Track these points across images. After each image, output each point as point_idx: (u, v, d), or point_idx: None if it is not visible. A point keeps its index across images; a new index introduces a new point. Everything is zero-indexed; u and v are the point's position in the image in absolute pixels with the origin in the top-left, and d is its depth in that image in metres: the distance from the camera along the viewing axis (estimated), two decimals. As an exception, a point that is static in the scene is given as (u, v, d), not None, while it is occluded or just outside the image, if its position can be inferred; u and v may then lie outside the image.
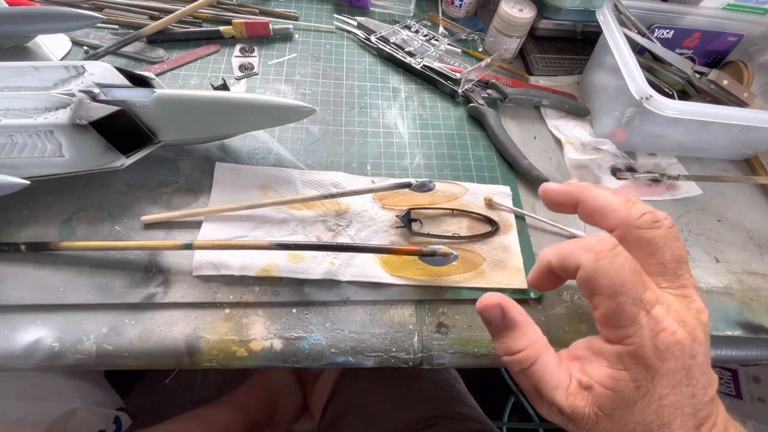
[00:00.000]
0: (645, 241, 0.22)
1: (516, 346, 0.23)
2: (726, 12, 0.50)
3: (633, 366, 0.21)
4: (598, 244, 0.21)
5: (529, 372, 0.22)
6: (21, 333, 0.30)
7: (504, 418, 0.88)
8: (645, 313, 0.20)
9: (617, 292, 0.20)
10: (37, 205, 0.35)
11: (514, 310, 0.24)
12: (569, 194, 0.25)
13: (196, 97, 0.34)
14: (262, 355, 0.31)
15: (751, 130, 0.43)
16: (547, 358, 0.23)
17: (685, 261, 0.23)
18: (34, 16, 0.38)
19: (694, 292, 0.22)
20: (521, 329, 0.23)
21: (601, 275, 0.20)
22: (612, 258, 0.20)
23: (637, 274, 0.20)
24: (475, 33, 0.58)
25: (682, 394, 0.21)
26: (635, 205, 0.23)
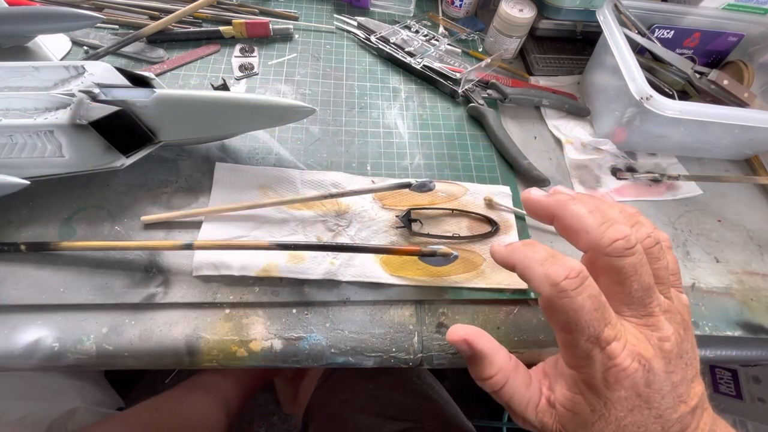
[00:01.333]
0: (613, 269, 0.22)
1: (485, 373, 0.24)
2: (726, 12, 0.50)
3: (586, 392, 0.22)
4: (565, 281, 0.20)
5: (500, 393, 0.24)
6: (21, 333, 0.30)
7: (504, 418, 0.88)
8: (599, 350, 0.21)
9: (573, 330, 0.21)
10: (37, 205, 0.35)
11: (480, 342, 0.24)
12: (546, 207, 0.25)
13: (196, 97, 0.34)
14: (262, 355, 0.31)
15: (751, 130, 0.43)
16: (516, 381, 0.24)
17: (662, 282, 0.23)
18: (34, 16, 0.38)
19: (660, 320, 0.22)
20: (488, 358, 0.24)
21: (559, 311, 0.21)
22: (574, 297, 0.20)
23: (598, 312, 0.20)
24: (475, 33, 0.58)
25: (643, 415, 0.21)
26: (609, 228, 0.22)
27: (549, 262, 0.21)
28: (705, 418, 0.23)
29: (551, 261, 0.21)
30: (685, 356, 0.23)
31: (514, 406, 0.24)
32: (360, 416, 0.51)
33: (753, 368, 0.78)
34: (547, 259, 0.22)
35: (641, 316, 0.22)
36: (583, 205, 0.23)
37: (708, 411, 0.24)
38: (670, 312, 0.23)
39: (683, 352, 0.23)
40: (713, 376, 0.83)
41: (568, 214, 0.23)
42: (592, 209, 0.23)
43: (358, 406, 0.52)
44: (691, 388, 0.23)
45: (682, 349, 0.23)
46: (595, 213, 0.23)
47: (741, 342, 0.37)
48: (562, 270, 0.21)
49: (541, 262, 0.21)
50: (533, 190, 0.26)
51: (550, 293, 0.21)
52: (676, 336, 0.22)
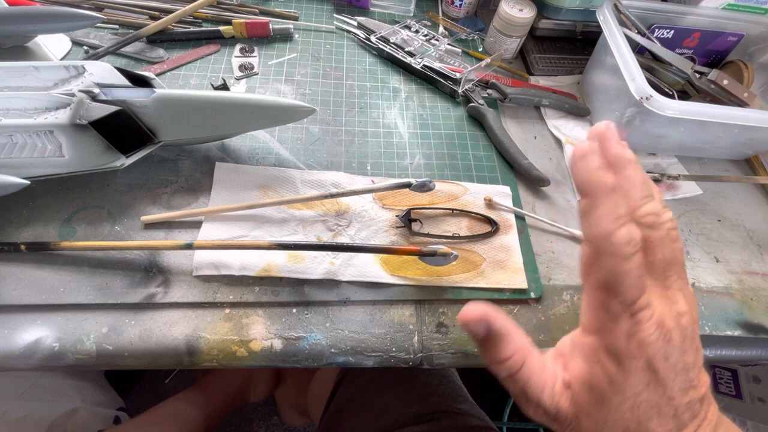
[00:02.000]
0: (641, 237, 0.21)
1: (502, 354, 0.23)
2: (726, 12, 0.50)
3: (606, 360, 0.21)
4: (626, 247, 0.20)
5: (516, 377, 0.23)
6: (21, 333, 0.30)
7: (504, 418, 0.88)
8: (629, 315, 0.20)
9: (611, 290, 0.20)
10: (37, 205, 0.35)
11: (498, 320, 0.23)
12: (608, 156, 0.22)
13: (196, 97, 0.34)
14: (262, 355, 0.31)
15: (751, 130, 0.43)
16: (533, 362, 0.23)
17: (677, 263, 0.23)
18: (34, 16, 0.38)
19: (678, 294, 0.22)
20: (506, 337, 0.23)
21: (603, 269, 0.20)
22: (624, 261, 0.20)
23: (639, 279, 0.20)
24: (475, 33, 0.58)
25: (657, 393, 0.21)
26: (650, 202, 0.22)
27: (621, 221, 0.20)
28: (712, 409, 0.23)
29: (624, 221, 0.20)
30: (696, 341, 0.22)
31: (531, 390, 0.23)
32: (387, 397, 0.51)
33: (753, 368, 0.78)
34: (621, 217, 0.20)
35: (660, 287, 0.22)
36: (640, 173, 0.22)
37: (714, 405, 0.23)
38: (684, 291, 0.23)
39: (695, 335, 0.22)
40: (713, 375, 0.83)
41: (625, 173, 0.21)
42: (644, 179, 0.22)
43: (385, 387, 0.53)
44: (701, 376, 0.22)
45: (695, 332, 0.22)
46: (645, 184, 0.22)
47: (741, 342, 0.37)
48: (628, 235, 0.20)
49: (615, 218, 0.20)
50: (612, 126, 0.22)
51: (605, 248, 0.20)
52: (690, 316, 0.22)
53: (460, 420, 0.48)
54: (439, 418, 0.48)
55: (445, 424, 0.47)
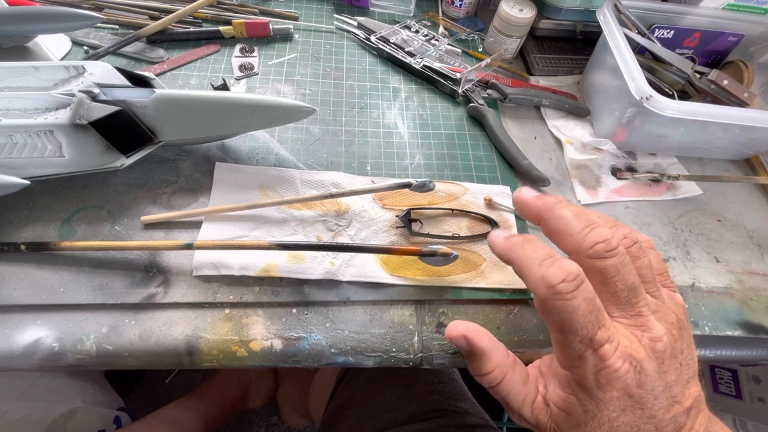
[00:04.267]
0: (596, 270, 0.22)
1: (483, 369, 0.25)
2: (726, 12, 0.50)
3: (579, 393, 0.22)
4: (562, 284, 0.20)
5: (497, 389, 0.25)
6: (21, 333, 0.30)
7: (504, 418, 0.88)
8: (591, 352, 0.21)
9: (567, 331, 0.21)
10: (37, 205, 0.35)
11: (478, 339, 0.25)
12: (534, 209, 0.25)
13: (196, 97, 0.34)
14: (262, 355, 0.31)
15: (751, 130, 0.43)
16: (513, 377, 0.25)
17: (648, 281, 0.24)
18: (34, 16, 0.38)
19: (650, 320, 0.22)
20: (487, 355, 0.25)
21: (554, 312, 0.21)
22: (569, 300, 0.20)
23: (592, 315, 0.21)
24: (475, 33, 0.58)
25: (635, 416, 0.21)
26: (592, 231, 0.22)
27: (547, 264, 0.21)
28: (700, 419, 0.23)
29: (549, 262, 0.21)
30: (679, 356, 0.23)
31: (511, 402, 0.24)
32: (387, 394, 0.52)
33: (753, 368, 0.78)
34: (545, 259, 0.22)
35: (630, 317, 0.23)
36: (569, 209, 0.24)
37: (704, 412, 0.24)
38: (660, 311, 0.23)
39: (677, 352, 0.23)
40: (713, 376, 0.83)
41: (554, 216, 0.24)
42: (577, 213, 0.23)
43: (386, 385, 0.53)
44: (687, 389, 0.23)
45: (676, 349, 0.23)
46: (579, 216, 0.23)
47: (741, 342, 0.37)
48: (560, 273, 0.21)
49: (540, 263, 0.22)
50: (524, 189, 0.26)
51: (546, 294, 0.21)
52: (669, 336, 0.22)
53: (460, 418, 0.48)
54: (440, 417, 0.48)
55: (445, 422, 0.47)
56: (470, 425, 0.48)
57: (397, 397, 0.51)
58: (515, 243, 0.24)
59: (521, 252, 0.23)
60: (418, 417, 0.48)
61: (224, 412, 0.79)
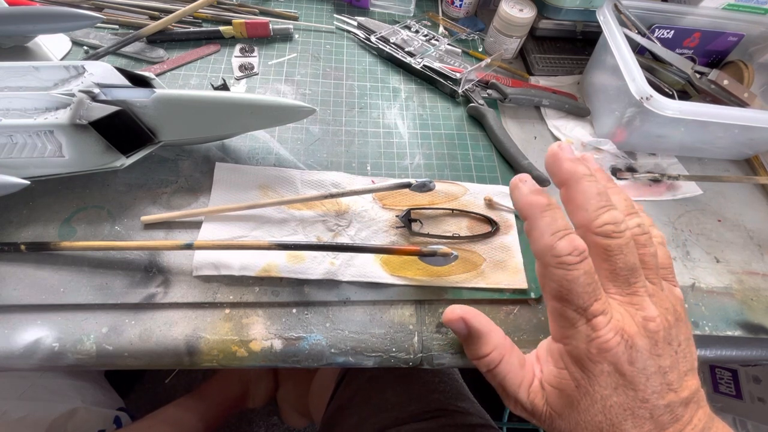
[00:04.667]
0: (600, 246, 0.23)
1: (481, 351, 0.25)
2: (726, 12, 0.50)
3: (571, 365, 0.22)
4: (568, 257, 0.21)
5: (494, 372, 0.25)
6: (21, 333, 0.30)
7: (504, 418, 0.88)
8: (584, 321, 0.21)
9: (563, 299, 0.22)
10: (37, 205, 0.35)
11: (475, 320, 0.26)
12: (562, 174, 0.24)
13: (196, 97, 0.34)
14: (262, 355, 0.31)
15: (751, 130, 0.43)
16: (511, 360, 0.25)
17: (649, 268, 0.24)
18: (34, 16, 0.38)
19: (645, 300, 0.23)
20: (484, 337, 0.25)
21: (554, 279, 0.22)
22: (570, 270, 0.21)
23: (590, 287, 0.21)
24: (475, 33, 0.58)
25: (628, 397, 0.21)
26: (606, 212, 0.23)
27: (559, 235, 0.22)
28: (700, 414, 0.23)
29: (561, 234, 0.22)
30: (674, 344, 0.23)
31: (508, 385, 0.24)
32: (388, 393, 0.52)
33: (753, 368, 0.78)
34: (559, 231, 0.22)
35: (625, 294, 0.23)
36: (594, 185, 0.24)
37: (704, 408, 0.23)
38: (657, 297, 0.24)
39: (671, 338, 0.23)
40: (713, 376, 0.83)
41: (579, 188, 0.24)
42: (600, 191, 0.23)
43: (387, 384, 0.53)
44: (684, 380, 0.23)
45: (671, 335, 0.23)
46: (601, 196, 0.23)
47: (741, 342, 0.37)
48: (568, 246, 0.21)
49: (552, 233, 0.22)
50: (564, 146, 0.25)
51: (550, 261, 0.22)
52: (663, 320, 0.23)
53: (461, 418, 0.48)
54: (440, 416, 0.48)
55: (445, 421, 0.47)
56: (470, 425, 0.48)
57: (398, 397, 0.51)
58: (537, 204, 0.23)
59: (539, 217, 0.23)
60: (419, 416, 0.48)
61: (224, 412, 0.79)
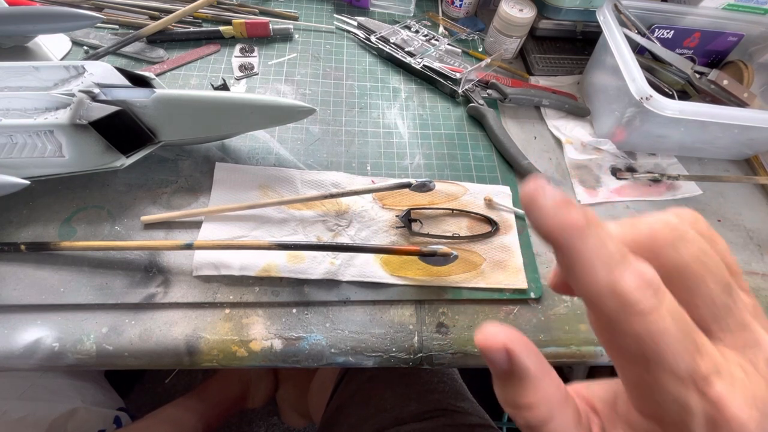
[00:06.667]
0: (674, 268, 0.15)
1: (523, 400, 0.16)
2: (726, 12, 0.50)
3: None
4: (642, 296, 0.13)
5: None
6: (21, 333, 0.30)
7: (504, 418, 0.88)
8: (698, 395, 0.13)
9: (653, 363, 0.13)
10: (37, 205, 0.35)
11: (525, 355, 0.16)
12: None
13: (196, 97, 0.34)
14: (262, 355, 0.31)
15: (751, 130, 0.43)
16: (565, 419, 0.16)
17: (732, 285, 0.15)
18: (34, 16, 0.38)
19: (759, 332, 0.15)
20: (532, 381, 0.16)
21: (628, 336, 0.13)
22: (650, 317, 0.13)
23: (686, 335, 0.13)
24: (475, 33, 0.58)
25: None
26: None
27: (617, 262, 0.14)
28: None
29: (621, 261, 0.14)
30: None
31: None
32: (387, 393, 0.51)
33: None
34: (614, 256, 0.14)
35: (733, 330, 0.15)
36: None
37: None
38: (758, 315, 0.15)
39: None
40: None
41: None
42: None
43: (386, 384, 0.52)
44: None
45: None
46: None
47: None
48: (638, 279, 0.13)
49: (607, 262, 0.14)
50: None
51: (613, 309, 0.13)
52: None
53: (460, 418, 0.48)
54: (439, 416, 0.48)
55: (444, 421, 0.47)
56: (470, 425, 0.48)
57: (397, 397, 0.51)
58: (574, 224, 0.14)
59: (581, 242, 0.14)
60: (418, 416, 0.48)
61: (224, 412, 0.79)
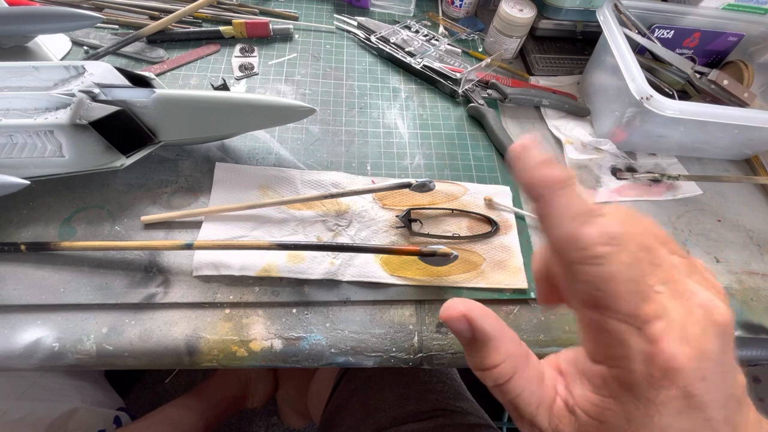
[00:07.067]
0: None
1: (489, 361, 0.19)
2: (726, 12, 0.50)
3: (621, 394, 0.16)
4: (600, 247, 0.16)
5: (505, 389, 0.19)
6: (21, 333, 0.30)
7: (504, 418, 0.88)
8: (637, 333, 0.16)
9: (601, 305, 0.16)
10: (37, 205, 0.35)
11: (483, 320, 0.19)
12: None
13: (196, 97, 0.34)
14: (262, 355, 0.31)
15: (751, 130, 0.43)
16: (527, 373, 0.19)
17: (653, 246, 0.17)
18: (34, 16, 0.38)
19: (692, 285, 0.17)
20: (494, 342, 0.19)
21: (583, 282, 0.16)
22: (603, 265, 0.15)
23: (634, 283, 0.16)
24: (475, 33, 0.58)
25: (694, 420, 0.16)
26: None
27: (583, 220, 0.16)
28: (752, 416, 0.18)
29: (587, 214, 0.16)
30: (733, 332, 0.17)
31: (522, 406, 0.18)
32: (386, 393, 0.51)
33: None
34: (580, 216, 0.16)
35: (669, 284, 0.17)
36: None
37: (753, 408, 0.18)
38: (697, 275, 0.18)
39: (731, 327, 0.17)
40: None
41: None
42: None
43: (385, 384, 0.52)
44: (738, 376, 0.17)
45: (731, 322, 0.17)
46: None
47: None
48: (598, 233, 0.16)
49: (572, 218, 0.16)
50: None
51: (574, 257, 0.16)
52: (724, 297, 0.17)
53: (459, 418, 0.48)
54: (438, 416, 0.48)
55: (444, 421, 0.47)
56: (469, 425, 0.48)
57: (396, 397, 0.51)
58: (550, 180, 0.17)
59: (554, 197, 0.17)
60: (417, 416, 0.48)
61: (224, 411, 0.79)
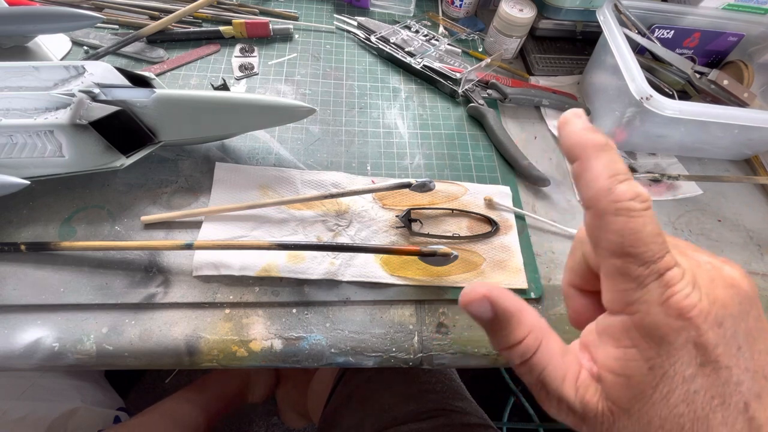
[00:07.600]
0: None
1: (513, 336, 0.19)
2: (726, 12, 0.50)
3: (641, 340, 0.17)
4: (631, 202, 0.16)
5: (532, 363, 0.19)
6: (21, 333, 0.30)
7: (504, 418, 0.88)
8: (655, 276, 0.16)
9: (626, 253, 0.17)
10: (37, 205, 0.35)
11: (504, 299, 0.19)
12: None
13: (196, 97, 0.34)
14: (262, 355, 0.31)
15: (751, 130, 0.43)
16: (550, 345, 0.19)
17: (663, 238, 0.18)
18: (34, 16, 0.38)
19: (698, 251, 0.18)
20: (516, 318, 0.19)
21: (613, 231, 0.17)
22: (633, 217, 0.16)
23: (658, 237, 0.17)
24: (475, 33, 0.58)
25: (719, 377, 0.16)
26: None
27: (620, 178, 0.17)
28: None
29: (623, 178, 0.17)
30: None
31: (549, 379, 0.19)
32: (386, 393, 0.51)
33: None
34: (617, 175, 0.17)
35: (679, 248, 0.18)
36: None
37: None
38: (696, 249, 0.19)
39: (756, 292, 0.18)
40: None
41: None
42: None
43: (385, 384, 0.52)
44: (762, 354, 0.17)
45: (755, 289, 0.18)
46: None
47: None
48: (630, 190, 0.17)
49: (611, 175, 0.17)
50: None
51: (607, 208, 0.17)
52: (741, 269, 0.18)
53: (459, 418, 0.48)
54: (438, 416, 0.48)
55: (443, 421, 0.47)
56: (469, 424, 0.48)
57: (396, 397, 0.51)
58: (592, 142, 0.19)
59: (594, 157, 0.18)
60: (417, 416, 0.48)
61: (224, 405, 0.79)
